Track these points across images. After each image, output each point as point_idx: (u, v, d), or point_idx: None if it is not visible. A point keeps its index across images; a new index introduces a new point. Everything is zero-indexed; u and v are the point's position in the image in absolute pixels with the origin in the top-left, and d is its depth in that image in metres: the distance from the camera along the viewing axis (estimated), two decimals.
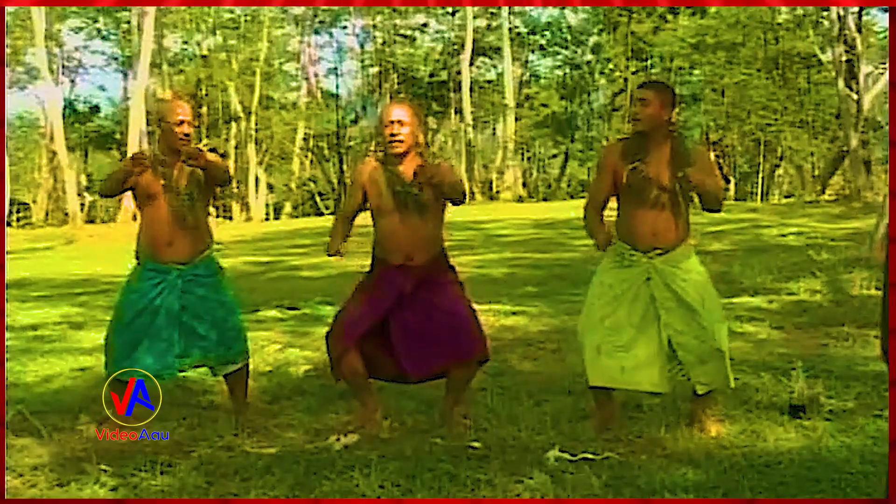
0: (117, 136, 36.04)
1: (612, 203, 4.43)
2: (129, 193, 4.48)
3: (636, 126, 4.26)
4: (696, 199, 4.35)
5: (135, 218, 4.76)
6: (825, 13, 25.92)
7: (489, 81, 38.97)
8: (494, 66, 38.74)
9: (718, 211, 4.31)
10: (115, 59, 38.67)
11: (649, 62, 33.45)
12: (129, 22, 33.22)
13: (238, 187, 35.67)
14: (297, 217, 33.93)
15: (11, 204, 33.09)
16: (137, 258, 4.55)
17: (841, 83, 25.30)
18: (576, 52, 38.04)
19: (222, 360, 4.54)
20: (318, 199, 37.87)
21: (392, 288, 4.39)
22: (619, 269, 4.30)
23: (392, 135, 4.36)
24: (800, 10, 27.81)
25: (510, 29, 35.29)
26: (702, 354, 4.23)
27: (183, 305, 4.44)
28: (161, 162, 4.45)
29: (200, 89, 35.65)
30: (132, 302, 4.45)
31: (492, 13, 35.86)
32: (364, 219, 4.57)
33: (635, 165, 4.21)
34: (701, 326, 4.20)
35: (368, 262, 4.61)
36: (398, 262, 4.40)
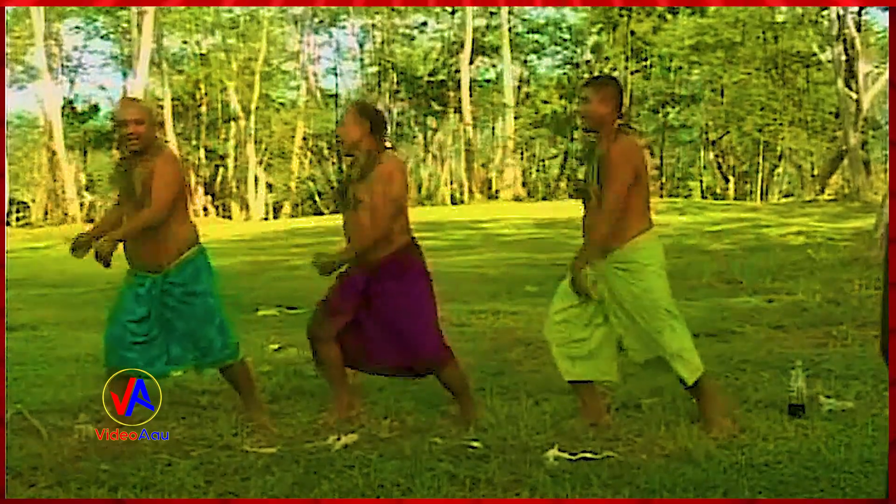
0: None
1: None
2: None
3: (582, 124, 4.36)
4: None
5: None
6: (824, 13, 25.95)
7: (488, 81, 38.96)
8: (494, 66, 38.72)
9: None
10: (115, 58, 38.69)
11: (649, 62, 33.44)
12: (128, 21, 33.21)
13: (238, 187, 35.69)
14: (296, 216, 33.92)
15: (11, 203, 33.06)
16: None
17: (840, 82, 25.33)
18: (575, 52, 38.04)
19: (200, 368, 4.60)
20: (317, 198, 37.85)
21: (352, 283, 4.50)
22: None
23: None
24: (799, 10, 27.83)
25: (509, 29, 35.27)
26: (649, 356, 4.32)
27: (163, 309, 4.42)
28: (118, 167, 4.50)
29: (199, 89, 35.66)
30: (120, 304, 4.50)
31: (491, 13, 35.82)
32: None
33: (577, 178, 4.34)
34: (643, 330, 4.26)
35: None
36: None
